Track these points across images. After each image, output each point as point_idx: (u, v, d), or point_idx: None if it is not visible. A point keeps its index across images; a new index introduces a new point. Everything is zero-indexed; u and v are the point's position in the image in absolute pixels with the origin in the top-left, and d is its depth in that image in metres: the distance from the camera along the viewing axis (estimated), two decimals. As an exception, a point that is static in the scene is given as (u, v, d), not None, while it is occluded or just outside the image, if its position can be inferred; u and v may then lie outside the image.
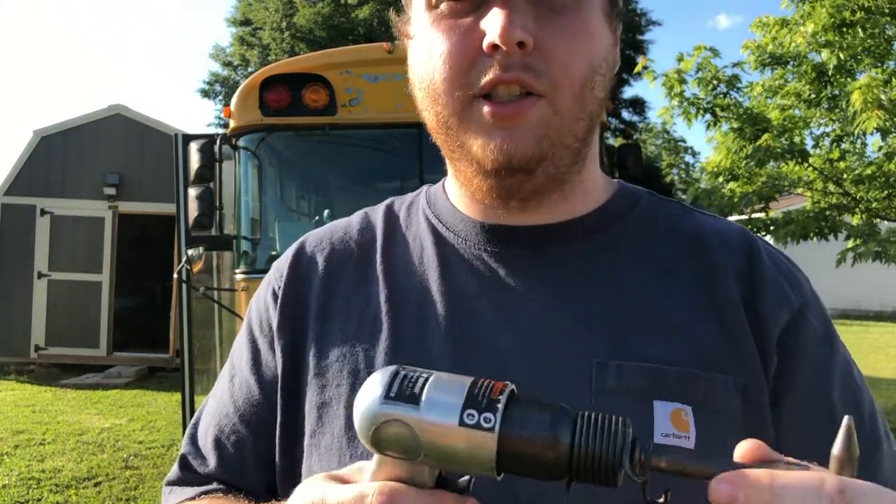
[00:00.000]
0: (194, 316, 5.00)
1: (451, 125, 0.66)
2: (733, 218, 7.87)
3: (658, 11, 63.90)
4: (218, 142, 4.43)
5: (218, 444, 0.78)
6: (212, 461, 0.78)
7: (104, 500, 4.94)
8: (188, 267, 4.41)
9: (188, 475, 0.80)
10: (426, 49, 0.67)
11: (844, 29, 6.55)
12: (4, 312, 9.86)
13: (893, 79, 6.67)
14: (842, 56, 6.52)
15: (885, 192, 6.91)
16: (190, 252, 4.49)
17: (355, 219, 0.83)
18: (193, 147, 4.34)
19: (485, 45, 0.61)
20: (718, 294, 0.68)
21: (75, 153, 9.96)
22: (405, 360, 0.56)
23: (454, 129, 0.66)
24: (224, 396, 0.79)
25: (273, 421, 0.73)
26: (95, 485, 5.24)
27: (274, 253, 4.71)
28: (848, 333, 17.11)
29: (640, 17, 30.10)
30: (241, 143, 4.56)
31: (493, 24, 0.60)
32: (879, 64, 6.79)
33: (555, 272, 0.69)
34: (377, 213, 0.82)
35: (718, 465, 0.42)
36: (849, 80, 6.65)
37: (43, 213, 9.90)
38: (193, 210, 4.23)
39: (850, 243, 6.76)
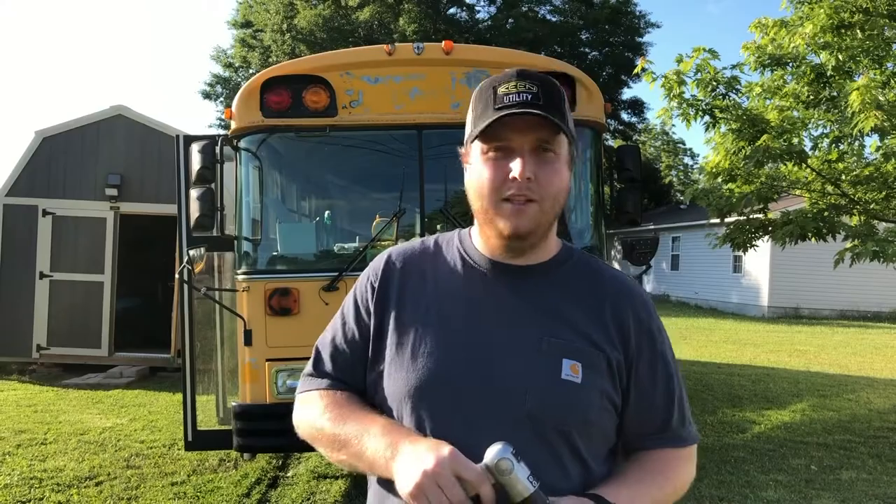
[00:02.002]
0: (195, 316, 5.02)
1: (488, 210, 1.28)
2: (732, 218, 7.89)
3: (655, 8, 63.83)
4: (219, 143, 4.45)
5: (333, 356, 1.41)
6: (328, 365, 1.41)
7: (105, 499, 4.96)
8: (189, 267, 4.42)
9: (317, 371, 1.42)
10: (480, 172, 1.28)
11: (843, 30, 6.56)
12: (6, 312, 9.88)
13: (892, 80, 6.68)
14: (840, 57, 6.54)
15: (883, 192, 6.92)
16: (191, 252, 4.51)
17: (417, 244, 1.44)
18: (195, 148, 4.35)
19: (511, 176, 1.24)
20: (604, 313, 1.33)
21: (77, 154, 9.98)
22: (443, 329, 1.29)
23: (490, 213, 1.28)
24: (338, 331, 1.41)
25: (362, 350, 1.36)
26: (97, 484, 5.26)
27: (275, 253, 4.73)
28: (846, 334, 17.11)
29: (639, 19, 30.13)
30: (242, 144, 4.57)
31: (516, 166, 1.24)
32: (878, 65, 6.81)
33: (524, 291, 1.33)
34: (429, 242, 1.44)
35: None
36: (847, 81, 6.67)
37: (45, 213, 9.92)
38: (195, 211, 4.25)
39: (849, 244, 6.77)
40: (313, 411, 1.36)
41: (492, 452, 1.08)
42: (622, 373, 1.31)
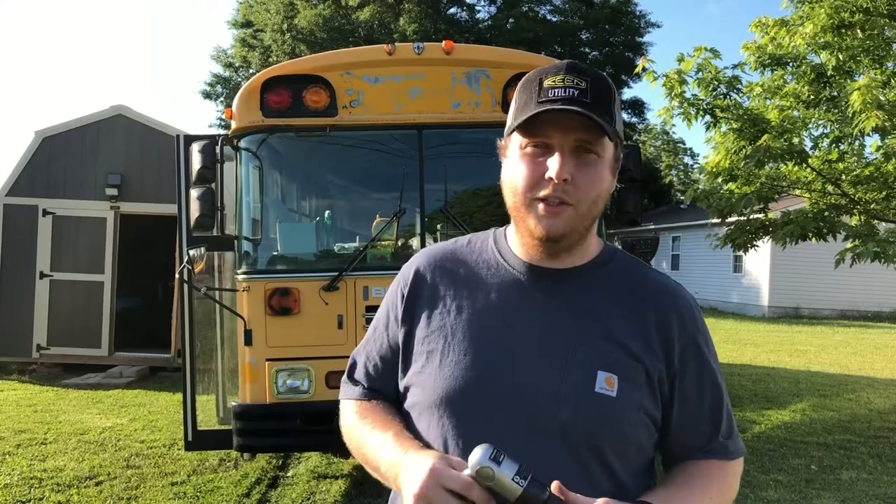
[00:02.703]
0: (196, 316, 5.01)
1: (521, 210, 1.22)
2: (732, 219, 7.88)
3: (655, 7, 63.84)
4: (219, 143, 4.44)
5: (366, 366, 1.40)
6: (362, 375, 1.40)
7: (105, 499, 4.96)
8: (190, 267, 4.42)
9: (352, 379, 1.42)
10: (516, 168, 1.22)
11: (843, 30, 6.55)
12: (6, 312, 9.88)
13: (892, 80, 6.68)
14: (841, 57, 6.54)
15: (884, 192, 6.92)
16: (191, 252, 4.50)
17: (450, 245, 1.39)
18: (195, 148, 4.35)
19: (547, 175, 1.17)
20: (647, 321, 1.24)
21: (77, 154, 9.98)
22: (473, 335, 1.24)
23: (522, 212, 1.22)
24: (370, 340, 1.41)
25: (393, 358, 1.34)
26: (97, 484, 5.25)
27: (275, 253, 4.73)
28: (847, 333, 17.11)
29: (639, 18, 30.12)
30: (242, 143, 4.57)
31: (553, 165, 1.17)
32: (878, 65, 6.80)
33: (560, 295, 1.26)
34: (463, 242, 1.39)
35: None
36: (848, 81, 6.66)
37: (45, 213, 9.92)
38: (195, 211, 4.25)
39: (849, 244, 6.77)
40: (349, 423, 1.37)
41: (472, 460, 1.04)
42: (664, 386, 1.23)
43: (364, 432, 1.30)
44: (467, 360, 1.21)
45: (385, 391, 1.36)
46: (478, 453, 1.03)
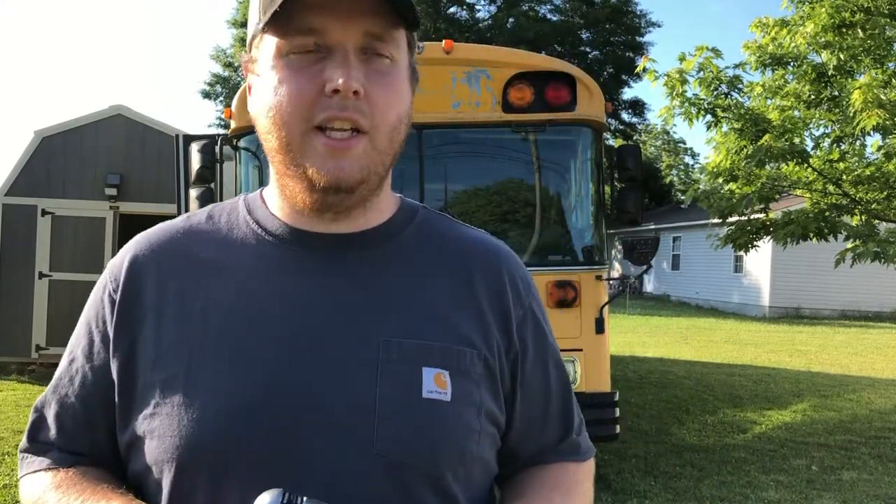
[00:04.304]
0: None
1: (291, 148, 0.82)
2: (733, 219, 7.88)
3: (656, 7, 63.86)
4: (219, 142, 4.44)
5: (58, 419, 0.92)
6: (53, 431, 0.92)
7: (105, 499, 4.95)
8: (189, 267, 4.41)
9: (36, 445, 0.94)
10: (276, 86, 0.82)
11: (844, 30, 6.55)
12: (5, 312, 9.86)
13: (893, 79, 6.67)
14: (842, 56, 6.53)
15: (884, 192, 6.91)
16: (191, 252, 4.49)
17: (178, 223, 0.96)
18: (194, 148, 4.34)
19: (328, 88, 0.79)
20: (475, 291, 0.92)
21: (76, 154, 9.97)
22: (232, 343, 0.83)
23: (294, 152, 0.82)
24: (63, 378, 0.92)
25: (103, 399, 0.88)
26: (96, 484, 5.24)
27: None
28: (847, 334, 17.10)
29: (639, 18, 30.13)
30: (241, 143, 4.56)
31: (336, 74, 0.79)
32: (879, 65, 6.80)
33: (352, 271, 0.89)
34: (199, 217, 0.96)
35: None
36: (848, 80, 6.66)
37: (44, 213, 9.90)
38: (194, 210, 4.24)
39: (850, 244, 6.76)
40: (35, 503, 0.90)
41: None
42: (504, 374, 0.92)
43: None
44: (232, 382, 0.81)
45: (96, 454, 0.90)
46: (266, 498, 0.74)
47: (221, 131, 11.17)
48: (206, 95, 33.29)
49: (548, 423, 0.99)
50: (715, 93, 6.74)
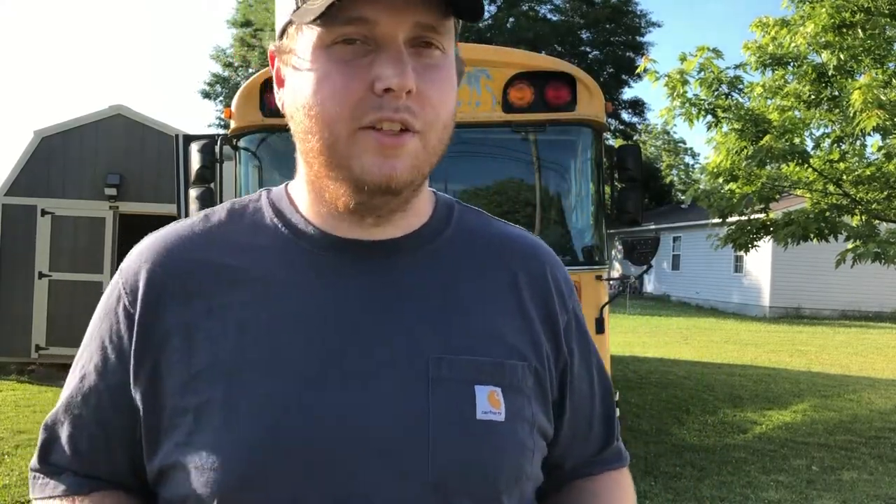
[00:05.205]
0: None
1: (337, 149, 0.75)
2: (733, 219, 7.88)
3: (656, 6, 63.85)
4: (218, 142, 4.43)
5: (72, 440, 0.83)
6: (67, 453, 0.84)
7: (105, 500, 4.95)
8: (189, 267, 4.41)
9: (49, 467, 0.86)
10: (319, 82, 0.74)
11: (844, 30, 6.55)
12: (5, 313, 9.86)
13: (893, 79, 6.67)
14: (842, 57, 6.53)
15: (885, 192, 6.91)
16: (190, 252, 4.49)
17: (198, 224, 0.86)
18: (194, 148, 4.33)
19: (378, 88, 0.72)
20: (520, 296, 0.86)
21: (76, 154, 9.96)
22: (273, 361, 0.75)
23: (339, 152, 0.75)
24: (76, 396, 0.83)
25: (121, 419, 0.80)
26: (96, 485, 5.24)
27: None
28: (847, 334, 17.09)
29: (639, 18, 30.13)
30: (241, 143, 4.56)
31: (389, 71, 0.72)
32: (879, 65, 6.80)
33: (395, 280, 0.81)
34: (219, 217, 0.86)
35: None
36: (849, 80, 6.65)
37: (43, 213, 9.90)
38: (194, 210, 4.23)
39: (850, 245, 6.76)
40: None
41: None
42: (553, 384, 0.86)
43: None
44: (272, 408, 0.74)
45: (115, 478, 0.84)
46: None
47: (221, 131, 11.16)
48: (206, 95, 33.28)
49: (592, 432, 0.94)
50: (715, 93, 6.74)
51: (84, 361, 0.83)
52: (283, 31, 0.79)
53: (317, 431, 0.73)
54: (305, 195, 0.84)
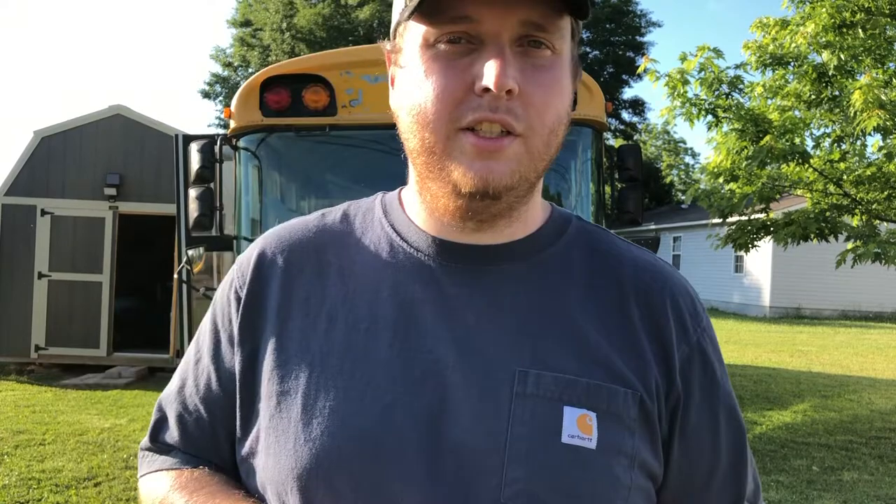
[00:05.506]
0: (194, 316, 4.99)
1: (435, 150, 0.74)
2: (733, 219, 7.87)
3: (656, 6, 63.87)
4: (218, 142, 4.43)
5: (181, 420, 0.87)
6: (175, 434, 0.88)
7: (104, 500, 4.94)
8: (188, 267, 4.40)
9: (158, 445, 0.90)
10: (421, 82, 0.74)
11: (845, 30, 6.55)
12: (4, 313, 9.85)
13: (894, 79, 6.67)
14: (842, 56, 6.52)
15: (885, 192, 6.91)
16: (190, 252, 4.48)
17: (312, 220, 0.89)
18: (194, 147, 4.33)
19: (478, 87, 0.71)
20: (631, 319, 0.80)
21: (76, 154, 9.96)
22: (355, 361, 0.76)
23: (437, 154, 0.74)
24: (188, 377, 0.88)
25: (228, 405, 0.82)
26: (96, 485, 5.23)
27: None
28: (847, 334, 17.09)
29: (640, 18, 30.13)
30: (241, 143, 4.55)
31: (488, 70, 0.70)
32: (880, 65, 6.79)
33: (492, 288, 0.79)
34: (334, 216, 0.89)
35: None
36: (849, 80, 6.65)
37: (43, 213, 9.89)
38: (194, 210, 4.23)
39: (850, 245, 6.76)
40: (152, 502, 0.86)
41: None
42: (662, 420, 0.79)
43: None
44: (349, 405, 0.74)
45: (215, 458, 0.86)
46: None
47: (221, 131, 11.16)
48: (206, 95, 33.29)
49: (712, 486, 0.83)
50: (716, 93, 6.74)
51: (199, 344, 0.88)
52: (395, 31, 0.80)
53: (386, 434, 0.72)
54: (412, 196, 0.85)
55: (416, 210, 0.84)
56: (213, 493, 0.79)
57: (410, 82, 0.76)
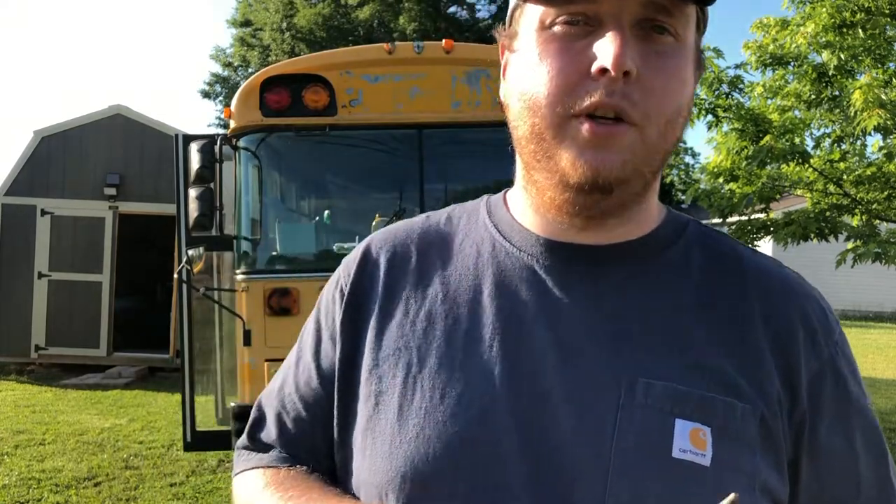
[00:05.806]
0: (194, 316, 4.99)
1: (545, 137, 0.70)
2: (733, 218, 7.86)
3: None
4: (218, 142, 4.43)
5: (279, 419, 0.87)
6: (273, 432, 0.87)
7: (104, 500, 4.94)
8: (188, 267, 4.40)
9: (255, 443, 0.89)
10: (534, 65, 0.71)
11: (845, 29, 6.55)
12: (5, 312, 9.85)
13: (894, 79, 6.67)
14: (842, 56, 6.52)
15: (885, 192, 6.91)
16: (190, 252, 4.49)
17: (417, 222, 0.88)
18: (194, 147, 4.33)
19: (594, 67, 0.67)
20: (753, 330, 0.74)
21: (76, 153, 9.96)
22: (456, 365, 0.73)
23: (547, 141, 0.70)
24: (289, 376, 0.88)
25: (327, 404, 0.81)
26: (95, 485, 5.24)
27: (274, 253, 4.71)
28: (847, 334, 17.05)
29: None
30: (241, 143, 4.55)
31: (606, 50, 0.66)
32: (880, 64, 6.79)
33: (601, 291, 0.75)
34: (438, 217, 0.88)
35: None
36: (849, 80, 6.65)
37: (43, 213, 9.89)
38: (194, 210, 4.23)
39: (850, 245, 6.76)
40: (250, 500, 0.84)
41: None
42: (786, 439, 0.72)
43: None
44: (446, 409, 0.71)
45: (314, 459, 0.84)
46: None
47: (221, 131, 11.16)
48: (206, 95, 33.26)
49: None
50: (716, 93, 6.74)
51: (302, 343, 0.88)
52: (511, 16, 0.77)
53: (487, 445, 0.69)
54: (518, 195, 0.82)
55: (521, 209, 0.81)
56: (307, 490, 0.77)
57: (524, 66, 0.72)
